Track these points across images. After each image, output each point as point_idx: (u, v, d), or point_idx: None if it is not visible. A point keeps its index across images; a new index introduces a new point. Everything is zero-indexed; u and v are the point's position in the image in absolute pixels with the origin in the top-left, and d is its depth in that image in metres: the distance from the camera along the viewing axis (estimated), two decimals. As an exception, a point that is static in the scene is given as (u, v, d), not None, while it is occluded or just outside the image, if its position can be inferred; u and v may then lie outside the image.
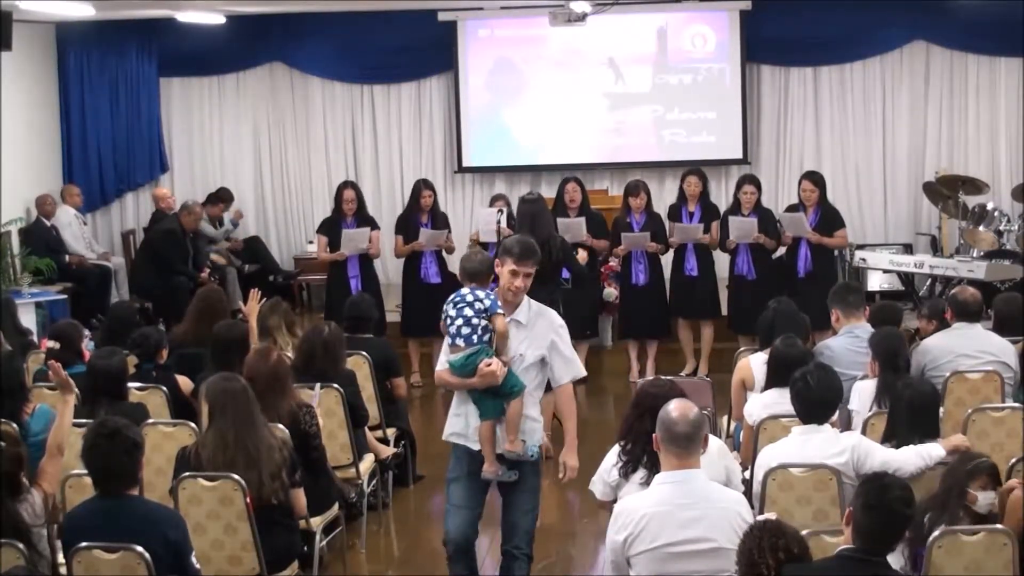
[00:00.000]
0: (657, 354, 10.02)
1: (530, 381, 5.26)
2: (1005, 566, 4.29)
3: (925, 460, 5.03)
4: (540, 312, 5.32)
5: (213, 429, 5.23)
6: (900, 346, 6.05)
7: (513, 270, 5.20)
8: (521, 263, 5.20)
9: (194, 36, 12.36)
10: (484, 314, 5.17)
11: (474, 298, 5.21)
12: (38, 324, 9.84)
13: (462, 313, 5.19)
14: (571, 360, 5.34)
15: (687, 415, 4.25)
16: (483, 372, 5.12)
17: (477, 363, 5.13)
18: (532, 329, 5.27)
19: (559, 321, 5.34)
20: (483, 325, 5.16)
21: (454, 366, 5.21)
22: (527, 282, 5.24)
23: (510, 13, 12.63)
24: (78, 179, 12.51)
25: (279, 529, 5.27)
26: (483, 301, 5.19)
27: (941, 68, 12.37)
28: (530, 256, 5.23)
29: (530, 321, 5.27)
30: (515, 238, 5.35)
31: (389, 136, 13.00)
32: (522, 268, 5.20)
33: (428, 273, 9.94)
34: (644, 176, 10.87)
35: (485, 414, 5.22)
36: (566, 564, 6.49)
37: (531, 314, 5.29)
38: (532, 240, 5.35)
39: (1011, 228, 10.77)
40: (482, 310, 5.18)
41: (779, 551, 3.73)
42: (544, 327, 5.28)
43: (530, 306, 5.30)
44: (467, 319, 5.18)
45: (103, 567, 4.40)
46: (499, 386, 5.15)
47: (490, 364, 5.11)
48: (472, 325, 5.16)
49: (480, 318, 5.17)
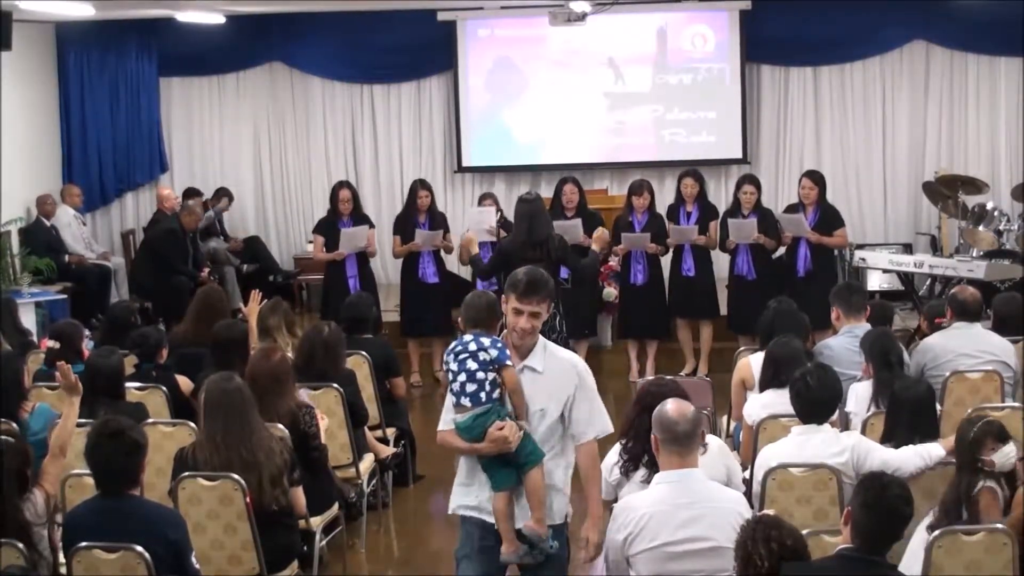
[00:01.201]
0: (657, 354, 10.02)
1: (555, 440, 4.49)
2: (1005, 566, 4.29)
3: (925, 460, 5.04)
4: (557, 354, 4.54)
5: (205, 431, 5.25)
6: (891, 345, 6.04)
7: (516, 308, 4.42)
8: (525, 300, 4.40)
9: (194, 36, 12.36)
10: (491, 366, 4.42)
11: (478, 347, 4.44)
12: (38, 324, 9.84)
13: (465, 367, 4.44)
14: (597, 412, 4.49)
15: (684, 413, 4.26)
16: (493, 437, 4.37)
17: (487, 426, 4.40)
18: (551, 376, 4.46)
19: (582, 364, 4.55)
20: (491, 379, 4.41)
21: (460, 428, 4.47)
22: (536, 323, 4.43)
23: (510, 13, 12.63)
24: (78, 179, 12.50)
25: (279, 529, 5.27)
26: (488, 351, 4.42)
27: (941, 68, 12.37)
28: (537, 291, 4.40)
29: (548, 367, 4.46)
30: (524, 270, 4.49)
31: (389, 136, 13.00)
32: (527, 306, 4.39)
33: (426, 273, 9.95)
34: (644, 176, 10.87)
35: (498, 484, 4.46)
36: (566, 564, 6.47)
37: (547, 357, 4.48)
38: (542, 273, 4.50)
39: (1011, 228, 10.76)
40: (488, 362, 4.42)
41: (772, 542, 3.73)
42: (565, 372, 4.48)
43: (545, 348, 4.50)
44: (471, 373, 4.43)
45: (103, 567, 4.40)
46: (513, 453, 4.42)
47: (502, 428, 4.37)
48: (478, 381, 4.41)
49: (487, 371, 4.41)
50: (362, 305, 7.83)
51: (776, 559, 3.72)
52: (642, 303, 9.86)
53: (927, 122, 12.44)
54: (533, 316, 4.41)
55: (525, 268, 4.53)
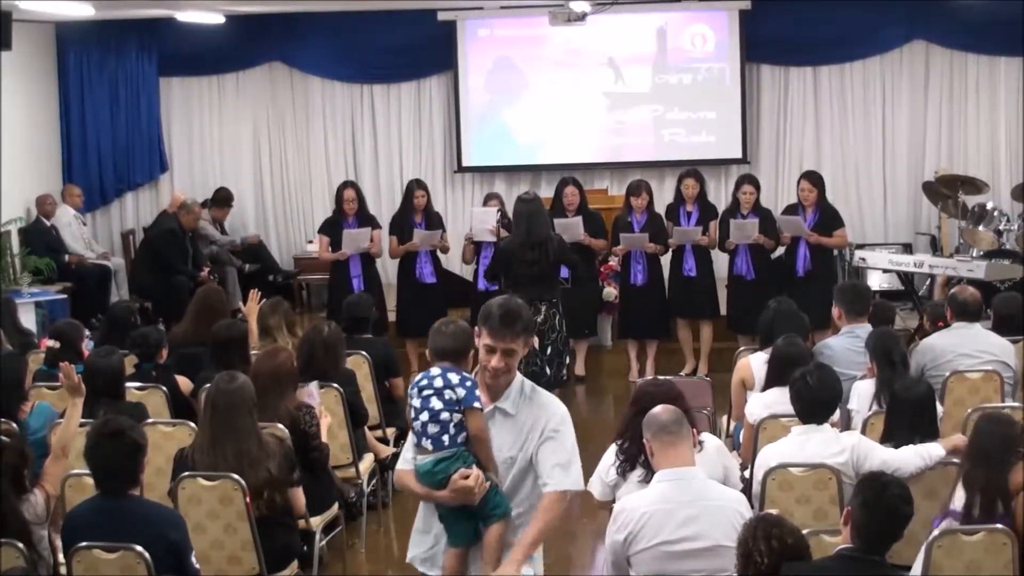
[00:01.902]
0: (657, 354, 10.02)
1: (524, 494, 4.01)
2: (1005, 566, 4.29)
3: (925, 460, 5.03)
4: (535, 397, 4.00)
5: (200, 431, 5.27)
6: (894, 344, 6.04)
7: (488, 344, 3.90)
8: (498, 335, 3.87)
9: (194, 36, 12.36)
10: (457, 407, 3.95)
11: (444, 384, 3.97)
12: (38, 324, 9.84)
13: (428, 405, 3.98)
14: (567, 465, 3.94)
15: (667, 408, 4.35)
16: (456, 487, 3.91)
17: (449, 472, 3.95)
18: (523, 420, 3.96)
19: (561, 410, 4.02)
20: (457, 421, 3.95)
21: (419, 472, 4.03)
22: (510, 362, 3.91)
23: (510, 13, 12.63)
24: (78, 179, 12.51)
25: (279, 529, 5.27)
26: (456, 389, 3.95)
27: (941, 68, 12.37)
28: (511, 326, 3.87)
29: (521, 410, 3.96)
30: (498, 301, 3.97)
31: (389, 136, 13.00)
32: (500, 342, 3.87)
33: (423, 273, 9.95)
34: (644, 176, 10.88)
35: (454, 539, 4.05)
36: (565, 564, 6.48)
37: (523, 400, 3.97)
38: (519, 305, 3.96)
39: (1011, 228, 10.76)
40: (454, 401, 3.95)
41: (773, 540, 3.74)
42: (539, 417, 3.96)
43: (522, 389, 3.99)
44: (434, 413, 3.97)
45: (103, 567, 4.40)
46: (476, 506, 3.97)
47: (467, 476, 3.92)
48: (441, 422, 3.95)
49: (452, 412, 3.95)
50: (362, 305, 7.83)
51: (776, 557, 3.72)
52: (642, 303, 9.87)
53: (927, 122, 12.44)
54: (507, 354, 3.88)
55: (501, 299, 3.99)
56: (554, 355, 7.95)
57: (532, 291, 7.90)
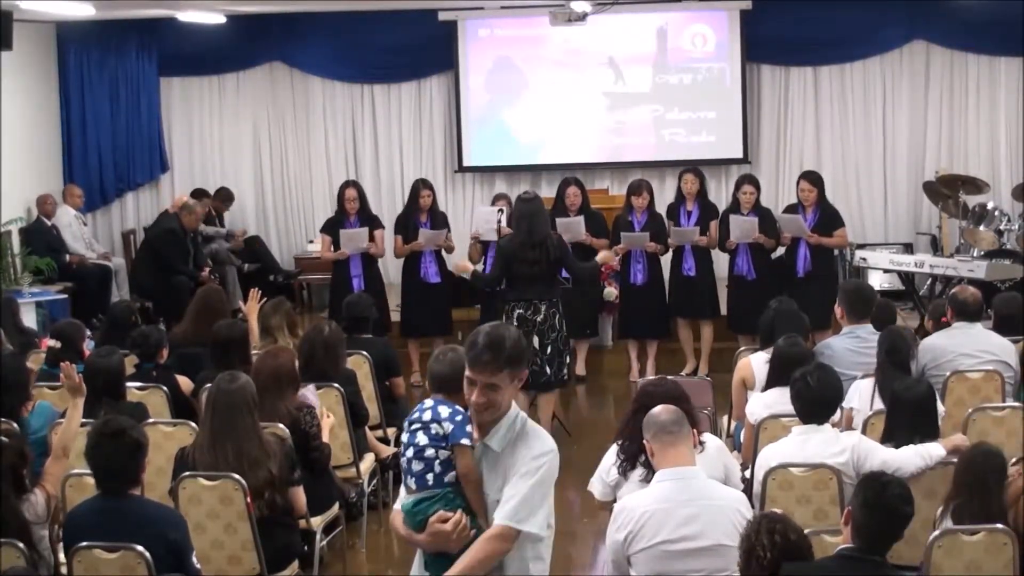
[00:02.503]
0: (657, 354, 10.02)
1: None
2: (1005, 566, 4.29)
3: (925, 460, 5.03)
4: (524, 434, 3.62)
5: (200, 430, 5.28)
6: (900, 343, 6.03)
7: (468, 377, 3.54)
8: (477, 368, 3.50)
9: (194, 36, 12.37)
10: (444, 443, 3.63)
11: (432, 417, 3.65)
12: (38, 324, 9.84)
13: (413, 440, 3.67)
14: (524, 501, 3.53)
15: (666, 407, 4.35)
16: (432, 530, 3.60)
17: (428, 514, 3.62)
18: (507, 458, 3.59)
19: (542, 449, 3.60)
20: (444, 459, 3.62)
21: (404, 511, 3.72)
22: (494, 397, 3.52)
23: (510, 13, 12.64)
24: (78, 179, 12.51)
25: (279, 529, 5.27)
26: (443, 424, 3.63)
27: (941, 68, 12.38)
28: (492, 359, 3.48)
29: (507, 448, 3.59)
30: (485, 330, 3.58)
31: (389, 136, 13.00)
32: (479, 375, 3.50)
33: (428, 273, 9.94)
34: (644, 176, 10.88)
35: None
36: (566, 564, 6.48)
37: (510, 437, 3.60)
38: (506, 335, 3.55)
39: (1011, 227, 10.76)
40: (440, 437, 3.63)
41: (775, 535, 3.75)
42: (520, 456, 3.57)
43: (514, 425, 3.61)
44: (419, 449, 3.65)
45: (103, 566, 4.40)
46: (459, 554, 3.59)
47: (446, 520, 3.58)
48: (426, 459, 3.63)
49: (438, 448, 3.63)
50: (361, 305, 7.83)
51: (778, 551, 3.72)
52: (642, 303, 9.87)
53: (927, 122, 12.44)
54: (489, 389, 3.50)
55: (488, 328, 3.58)
56: (554, 355, 7.94)
57: (532, 291, 7.91)
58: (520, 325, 7.89)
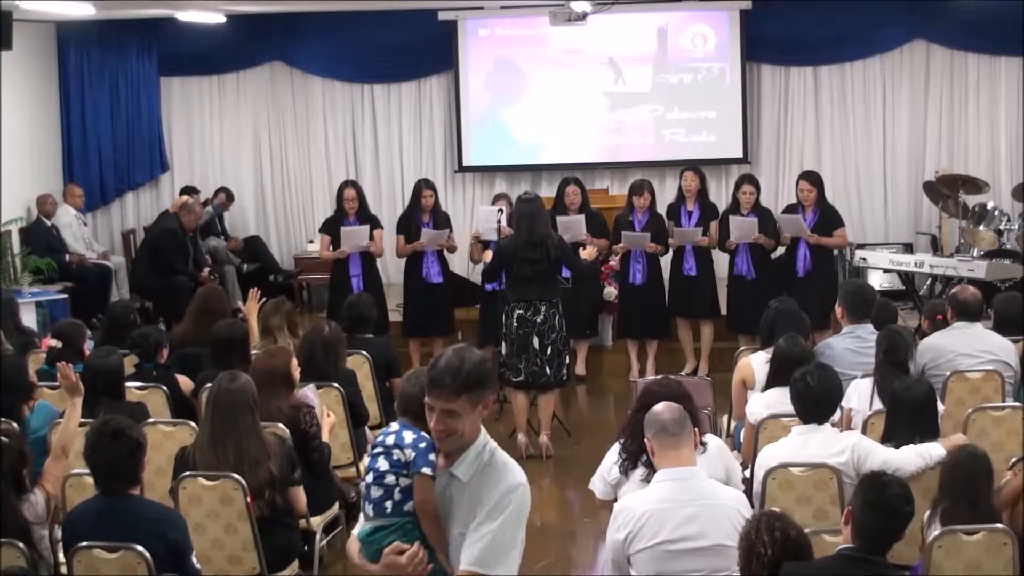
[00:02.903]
0: (657, 353, 10.02)
1: None
2: (1005, 566, 4.29)
3: (925, 460, 5.03)
4: (491, 464, 3.38)
5: (201, 429, 5.27)
6: (898, 342, 6.03)
7: (427, 403, 3.33)
8: (433, 392, 3.29)
9: (194, 35, 12.37)
10: (405, 470, 3.43)
11: (396, 442, 3.46)
12: (38, 324, 9.85)
13: (374, 465, 3.50)
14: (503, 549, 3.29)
15: (670, 407, 4.34)
16: (386, 561, 3.41)
17: (383, 545, 3.44)
18: (474, 489, 3.35)
19: (511, 483, 3.35)
20: (405, 487, 3.42)
21: (359, 539, 3.53)
22: (452, 424, 3.30)
23: (510, 12, 12.64)
24: (78, 179, 12.52)
25: (279, 529, 5.27)
26: (406, 450, 3.43)
27: (941, 68, 12.38)
28: (448, 383, 3.26)
29: (474, 478, 3.36)
30: (446, 354, 3.35)
31: (389, 136, 13.01)
32: (436, 401, 3.29)
33: (430, 273, 9.94)
34: (644, 176, 10.88)
35: None
36: (566, 564, 6.48)
37: (479, 465, 3.37)
38: (466, 358, 3.31)
39: (1011, 227, 10.77)
40: (402, 464, 3.44)
41: (775, 532, 3.74)
42: (486, 491, 3.33)
43: (481, 455, 3.38)
44: (379, 475, 3.47)
45: (103, 566, 4.40)
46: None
47: (402, 552, 3.38)
48: (385, 486, 3.45)
49: (399, 475, 3.44)
50: (362, 305, 7.83)
51: (779, 548, 3.72)
52: (641, 303, 9.87)
53: (927, 122, 12.45)
54: (447, 415, 3.28)
55: (450, 350, 3.36)
56: (554, 355, 7.95)
57: (532, 291, 7.91)
58: (520, 325, 7.91)
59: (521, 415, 8.11)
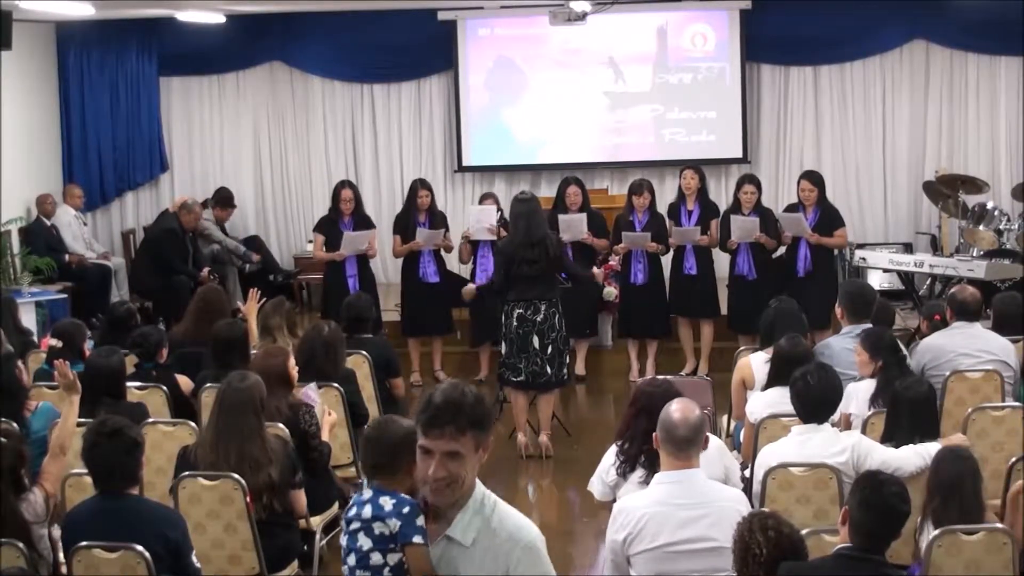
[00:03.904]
0: (657, 353, 10.02)
1: None
2: (1005, 566, 4.29)
3: (925, 460, 5.02)
4: (498, 520, 2.95)
5: (207, 426, 5.27)
6: (890, 338, 6.06)
7: (424, 446, 2.89)
8: (434, 432, 2.87)
9: (194, 35, 12.36)
10: (392, 543, 3.04)
11: (374, 513, 3.08)
12: (38, 323, 9.85)
13: (355, 545, 3.09)
14: None
15: (688, 419, 4.20)
16: None
17: None
18: (481, 554, 2.91)
19: (529, 539, 2.95)
20: (394, 565, 3.03)
21: None
22: (456, 469, 2.87)
23: (510, 12, 12.64)
24: (78, 179, 12.51)
25: (279, 529, 5.27)
26: (388, 520, 3.04)
27: (941, 68, 12.38)
28: (451, 420, 2.86)
29: (480, 540, 2.92)
30: (441, 388, 2.95)
31: (389, 135, 13.00)
32: (437, 442, 2.86)
33: (427, 272, 9.95)
34: (644, 175, 10.87)
35: None
36: (566, 564, 6.48)
37: (482, 524, 2.93)
38: (466, 391, 2.93)
39: (1011, 227, 10.77)
40: (387, 537, 3.04)
41: (769, 530, 3.74)
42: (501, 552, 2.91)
43: (482, 509, 2.94)
44: (362, 556, 3.07)
45: (103, 566, 4.40)
46: None
47: None
48: (372, 568, 3.05)
49: (386, 551, 3.04)
50: (362, 305, 7.83)
51: (773, 546, 3.71)
52: (642, 302, 9.87)
53: (927, 122, 12.44)
54: (450, 458, 2.85)
55: (444, 386, 2.96)
56: (554, 355, 7.95)
57: (532, 291, 7.91)
58: (520, 325, 7.91)
59: (521, 415, 8.12)
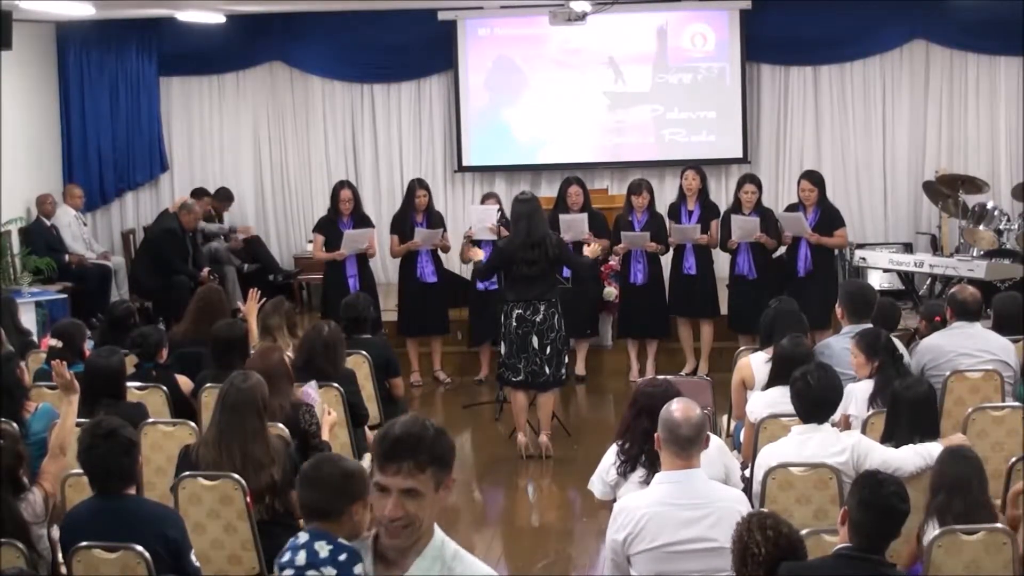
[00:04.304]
0: (657, 353, 10.03)
1: None
2: (1005, 566, 4.29)
3: (925, 459, 5.03)
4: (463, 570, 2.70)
5: (209, 425, 5.27)
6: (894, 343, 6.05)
7: (379, 483, 2.63)
8: (391, 467, 2.61)
9: (194, 35, 12.37)
10: None
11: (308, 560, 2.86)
12: (38, 324, 9.85)
13: None
14: None
15: (689, 418, 4.21)
16: None
17: None
18: None
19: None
20: None
21: None
22: (415, 509, 2.61)
23: (510, 12, 12.64)
24: (78, 179, 12.51)
25: (279, 528, 5.26)
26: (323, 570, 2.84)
27: (941, 68, 12.38)
28: (410, 455, 2.60)
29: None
30: (400, 419, 2.70)
31: (389, 135, 13.00)
32: (394, 479, 2.60)
33: (424, 272, 9.95)
34: (644, 175, 10.87)
35: None
36: (566, 564, 6.48)
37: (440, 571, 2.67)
38: (426, 426, 2.67)
39: (1011, 227, 10.77)
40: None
41: (768, 530, 3.74)
42: None
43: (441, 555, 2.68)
44: None
45: (103, 566, 4.40)
46: None
47: None
48: None
49: None
50: (361, 305, 7.83)
51: (772, 546, 3.71)
52: (642, 302, 9.87)
53: (927, 122, 12.44)
54: (408, 496, 2.59)
55: (403, 419, 2.70)
56: (554, 354, 7.96)
57: (532, 291, 7.92)
58: (519, 325, 7.91)
59: (521, 415, 8.12)
